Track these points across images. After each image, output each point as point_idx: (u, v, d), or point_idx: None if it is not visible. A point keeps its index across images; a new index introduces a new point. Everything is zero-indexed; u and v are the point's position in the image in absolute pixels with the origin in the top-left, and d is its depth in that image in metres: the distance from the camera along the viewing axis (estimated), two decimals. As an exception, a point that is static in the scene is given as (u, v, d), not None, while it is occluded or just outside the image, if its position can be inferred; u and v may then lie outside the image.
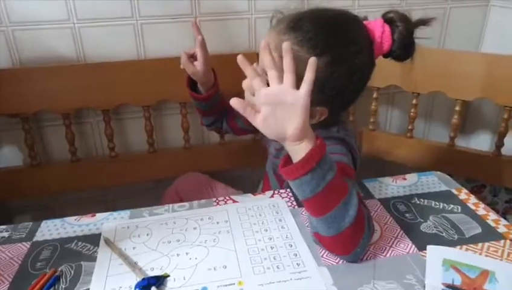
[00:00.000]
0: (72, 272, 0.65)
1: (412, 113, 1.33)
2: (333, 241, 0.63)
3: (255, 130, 1.01)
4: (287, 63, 0.59)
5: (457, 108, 1.26)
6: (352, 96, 0.77)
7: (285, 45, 0.60)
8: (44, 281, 0.62)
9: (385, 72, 1.30)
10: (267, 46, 0.61)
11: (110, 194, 1.44)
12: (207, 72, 0.96)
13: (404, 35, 0.74)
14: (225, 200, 0.82)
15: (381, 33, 0.73)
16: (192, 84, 1.00)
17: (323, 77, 0.67)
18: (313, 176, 0.59)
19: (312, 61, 0.60)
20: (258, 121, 0.61)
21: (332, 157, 0.71)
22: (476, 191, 1.43)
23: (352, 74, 0.71)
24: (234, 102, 0.61)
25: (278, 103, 0.59)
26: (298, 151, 0.60)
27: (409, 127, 1.35)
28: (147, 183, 1.44)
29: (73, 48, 1.20)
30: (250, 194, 0.84)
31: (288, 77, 0.59)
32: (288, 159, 0.62)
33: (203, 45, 0.94)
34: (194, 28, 0.95)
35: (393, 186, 0.86)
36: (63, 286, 0.62)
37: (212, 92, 0.99)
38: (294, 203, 0.80)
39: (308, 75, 0.59)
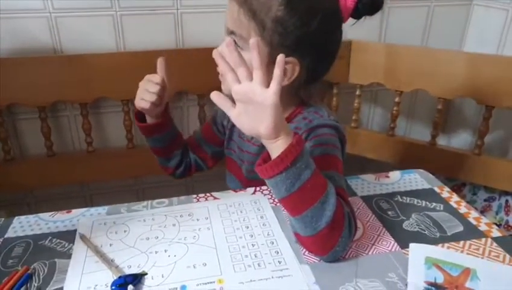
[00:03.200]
0: (46, 269, 0.63)
1: (394, 111, 1.33)
2: (311, 242, 0.63)
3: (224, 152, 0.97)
4: (255, 59, 0.58)
5: (439, 106, 1.27)
6: (321, 46, 0.72)
7: (252, 41, 0.58)
8: (16, 278, 0.60)
9: (368, 69, 1.31)
10: (231, 43, 0.60)
11: (87, 190, 1.41)
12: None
13: None
14: (206, 196, 0.80)
15: None
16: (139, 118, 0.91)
17: (282, 16, 0.67)
18: (288, 175, 0.58)
19: (279, 59, 0.58)
20: (233, 116, 0.61)
21: (325, 148, 0.71)
22: (456, 189, 1.44)
23: (315, 14, 0.68)
24: (213, 94, 0.60)
25: (248, 101, 0.59)
26: (275, 149, 0.59)
27: (391, 125, 1.35)
28: (125, 180, 1.42)
29: (50, 39, 1.17)
30: (231, 191, 0.82)
31: (257, 74, 0.58)
32: (266, 158, 0.61)
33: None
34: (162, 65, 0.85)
35: (375, 184, 0.86)
36: (36, 284, 0.60)
37: (168, 116, 0.92)
38: (276, 200, 0.79)
39: (277, 72, 0.57)
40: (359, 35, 1.26)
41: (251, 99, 0.58)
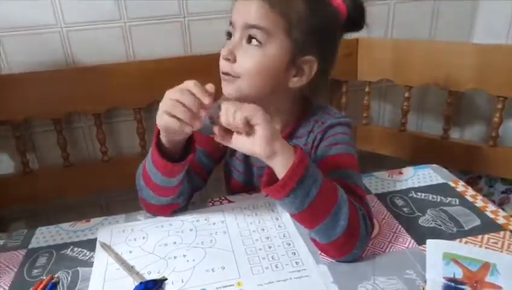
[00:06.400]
0: (69, 278, 0.64)
1: (404, 107, 1.33)
2: (328, 248, 0.63)
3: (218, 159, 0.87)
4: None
5: (449, 100, 1.26)
6: (334, 43, 0.73)
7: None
8: (42, 287, 0.61)
9: (377, 66, 1.31)
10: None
11: (104, 198, 1.43)
12: None
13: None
14: (220, 200, 0.81)
15: None
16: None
17: (304, 11, 0.66)
18: (296, 195, 0.58)
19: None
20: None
21: (340, 147, 0.71)
22: (471, 182, 1.43)
23: (329, 8, 0.70)
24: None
25: None
26: (275, 165, 0.59)
27: (402, 121, 1.35)
28: (141, 187, 1.43)
29: (62, 52, 1.19)
30: (245, 194, 0.83)
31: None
32: (271, 173, 0.61)
33: None
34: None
35: (389, 180, 0.86)
36: (61, 293, 0.61)
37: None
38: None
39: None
40: (366, 33, 1.25)
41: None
